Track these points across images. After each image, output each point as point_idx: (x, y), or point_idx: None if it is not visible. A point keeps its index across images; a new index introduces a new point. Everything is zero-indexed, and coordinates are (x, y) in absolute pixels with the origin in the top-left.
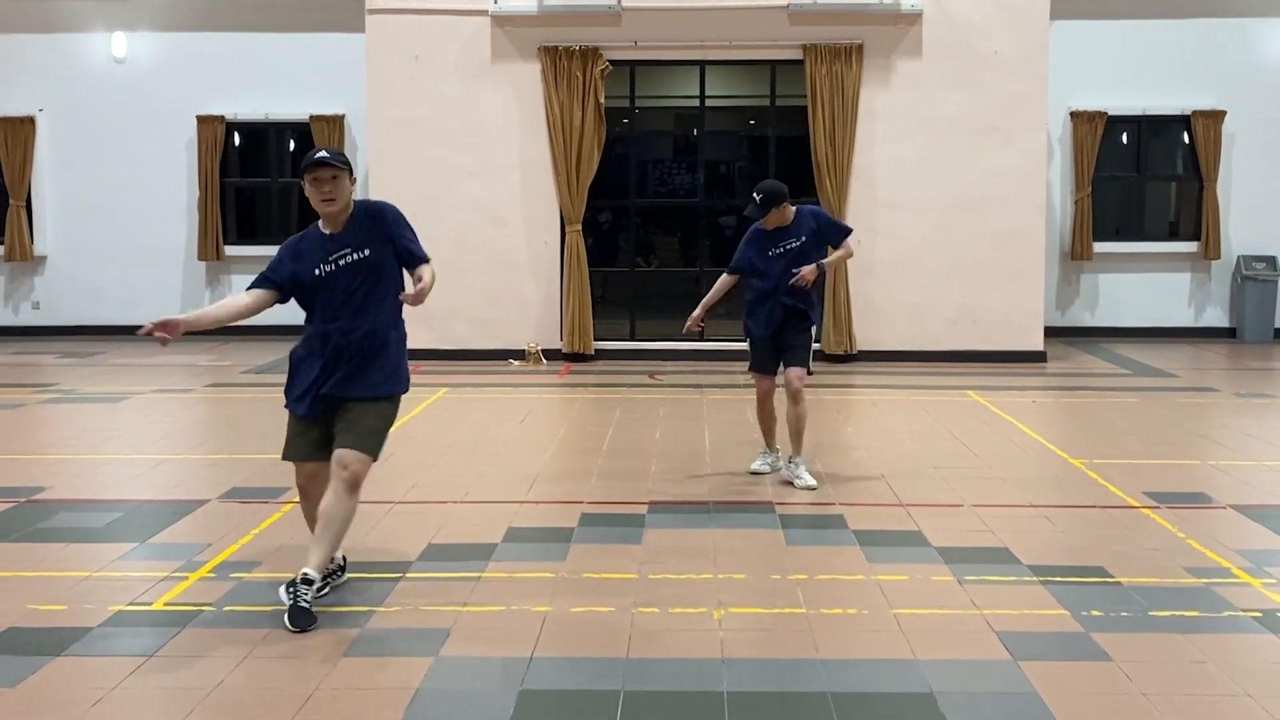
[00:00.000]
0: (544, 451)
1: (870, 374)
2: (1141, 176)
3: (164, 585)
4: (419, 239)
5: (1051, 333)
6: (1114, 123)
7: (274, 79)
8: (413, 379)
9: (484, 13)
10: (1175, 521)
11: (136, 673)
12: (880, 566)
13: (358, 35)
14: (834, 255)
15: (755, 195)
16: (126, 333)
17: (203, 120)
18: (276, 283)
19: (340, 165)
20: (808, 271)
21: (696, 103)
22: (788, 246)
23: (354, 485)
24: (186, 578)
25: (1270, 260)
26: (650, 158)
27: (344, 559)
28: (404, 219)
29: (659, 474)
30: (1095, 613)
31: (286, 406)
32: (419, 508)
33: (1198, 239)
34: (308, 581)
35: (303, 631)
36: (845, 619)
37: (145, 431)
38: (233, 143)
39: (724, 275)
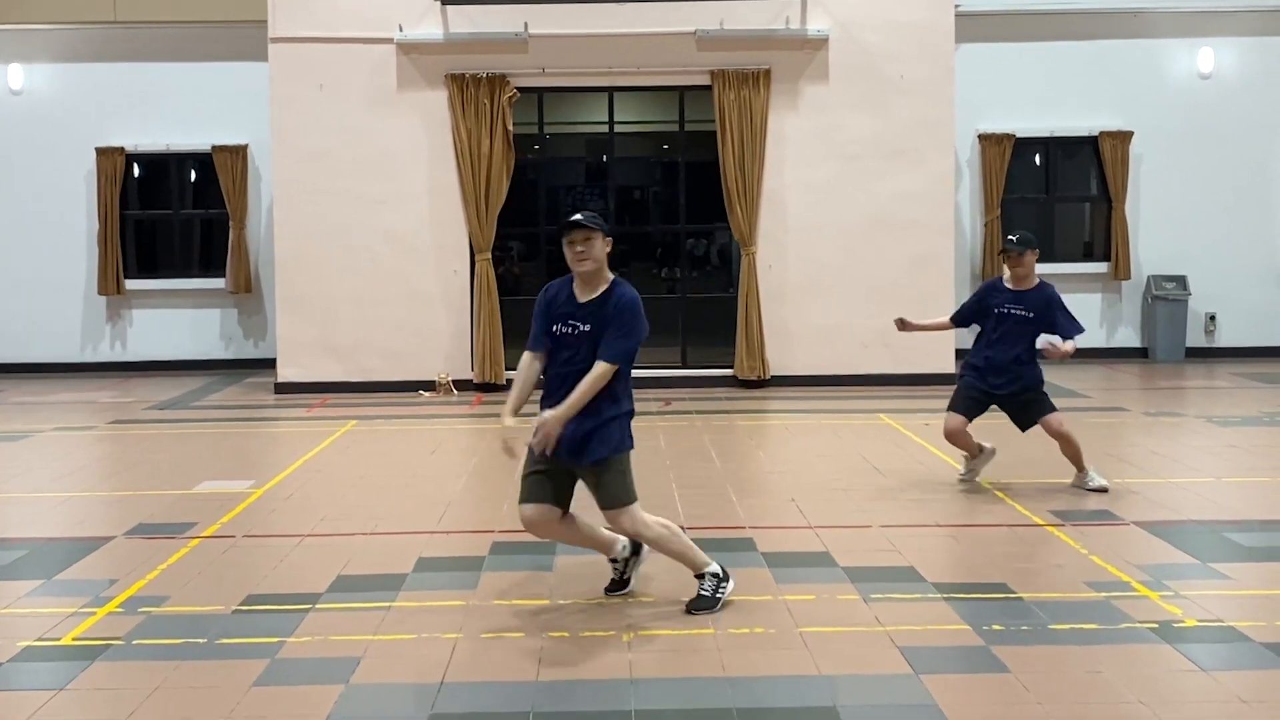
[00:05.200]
0: (456, 481)
1: (783, 399)
2: (1051, 198)
3: (72, 620)
4: (631, 344)
5: (963, 355)
6: (1022, 144)
7: (175, 110)
8: (321, 411)
9: (390, 41)
10: (1079, 538)
11: (47, 706)
12: (787, 587)
13: (261, 64)
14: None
15: (1013, 236)
16: (25, 370)
17: (102, 152)
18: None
19: (593, 226)
20: (1066, 347)
21: (605, 129)
22: (1013, 311)
23: (626, 532)
24: (95, 613)
25: (1180, 280)
26: (560, 184)
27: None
28: (631, 324)
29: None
30: (996, 627)
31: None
32: (328, 540)
33: (1108, 259)
34: (700, 576)
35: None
36: (752, 638)
37: (47, 469)
38: (133, 174)
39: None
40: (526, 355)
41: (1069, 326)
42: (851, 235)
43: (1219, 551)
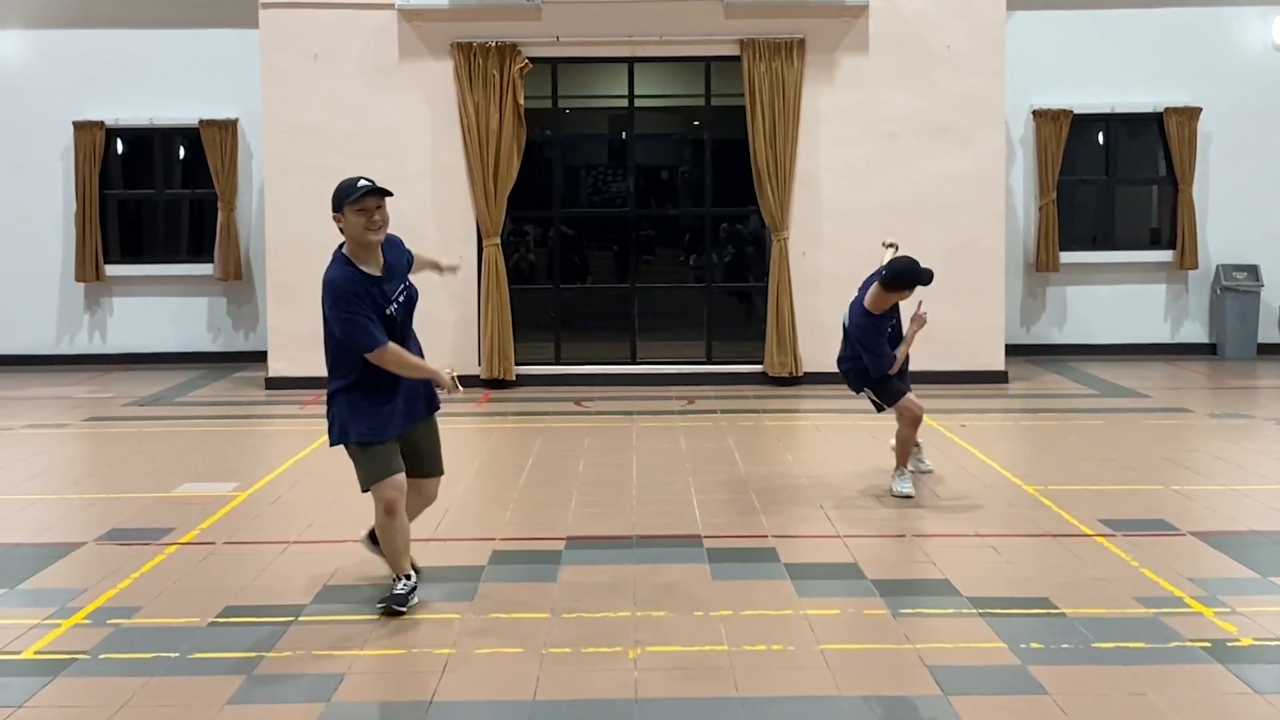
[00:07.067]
0: (456, 485)
1: (816, 397)
2: (1111, 180)
3: (35, 633)
4: None
5: (1016, 351)
6: (1080, 122)
7: (159, 80)
8: (314, 409)
9: (390, 6)
10: (1130, 550)
11: None
12: (810, 600)
13: (251, 31)
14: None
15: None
16: None
17: (80, 126)
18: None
19: (388, 193)
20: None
21: (625, 103)
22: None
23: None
24: (59, 625)
25: (1252, 269)
26: (576, 163)
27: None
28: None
29: (580, 507)
30: (1035, 645)
31: (365, 438)
32: (314, 547)
33: (1173, 247)
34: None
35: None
36: (769, 655)
37: (16, 470)
38: (114, 151)
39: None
40: (391, 346)
41: None
42: (891, 220)
43: None
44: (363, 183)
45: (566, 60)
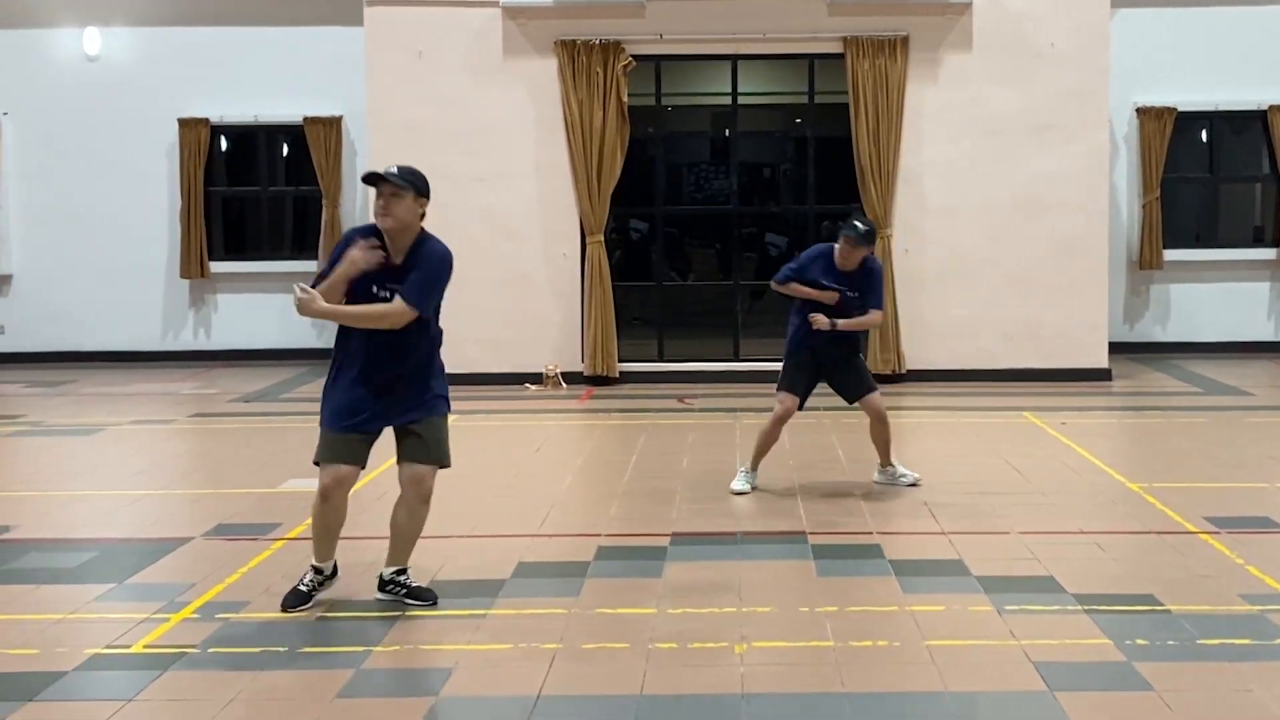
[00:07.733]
0: (560, 482)
1: (920, 394)
2: (1215, 178)
3: (144, 627)
4: (432, 292)
5: (1120, 348)
6: (1184, 119)
7: (264, 77)
8: None
9: (495, 4)
10: (1235, 547)
11: (114, 718)
12: (916, 597)
13: (356, 29)
14: (857, 321)
15: (860, 225)
16: (102, 359)
17: (185, 123)
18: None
19: (400, 184)
20: (823, 321)
21: (729, 100)
22: (844, 292)
23: (427, 498)
24: (168, 619)
25: None
26: (679, 161)
27: (335, 567)
28: (436, 272)
29: (684, 503)
30: (1140, 642)
31: (323, 422)
32: (421, 543)
33: (1277, 245)
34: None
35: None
36: (875, 651)
37: (122, 465)
38: (219, 148)
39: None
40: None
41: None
42: (994, 218)
43: None
44: (385, 168)
45: (670, 58)
